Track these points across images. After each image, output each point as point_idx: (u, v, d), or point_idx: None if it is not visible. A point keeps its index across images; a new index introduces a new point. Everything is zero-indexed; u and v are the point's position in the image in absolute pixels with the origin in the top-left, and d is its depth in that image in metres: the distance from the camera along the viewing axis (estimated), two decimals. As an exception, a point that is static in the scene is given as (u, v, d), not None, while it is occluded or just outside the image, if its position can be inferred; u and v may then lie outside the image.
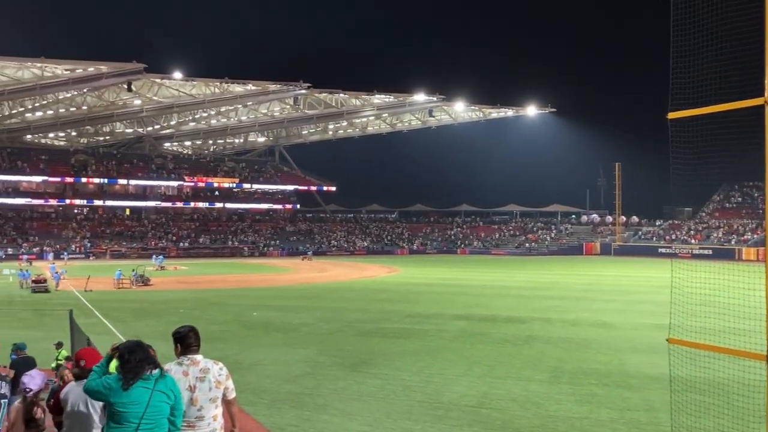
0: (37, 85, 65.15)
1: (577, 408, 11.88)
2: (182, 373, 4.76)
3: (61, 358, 13.92)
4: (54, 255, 66.08)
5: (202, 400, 4.75)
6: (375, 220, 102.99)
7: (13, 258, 64.49)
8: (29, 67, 62.40)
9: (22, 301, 32.33)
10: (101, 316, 25.57)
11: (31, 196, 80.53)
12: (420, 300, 31.13)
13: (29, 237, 74.01)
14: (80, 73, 65.31)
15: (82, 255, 71.25)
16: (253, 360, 16.25)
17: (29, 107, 75.29)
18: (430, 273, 51.31)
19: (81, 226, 79.76)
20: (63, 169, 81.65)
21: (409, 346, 18.45)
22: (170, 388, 4.49)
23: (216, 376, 4.85)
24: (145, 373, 4.39)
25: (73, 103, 75.65)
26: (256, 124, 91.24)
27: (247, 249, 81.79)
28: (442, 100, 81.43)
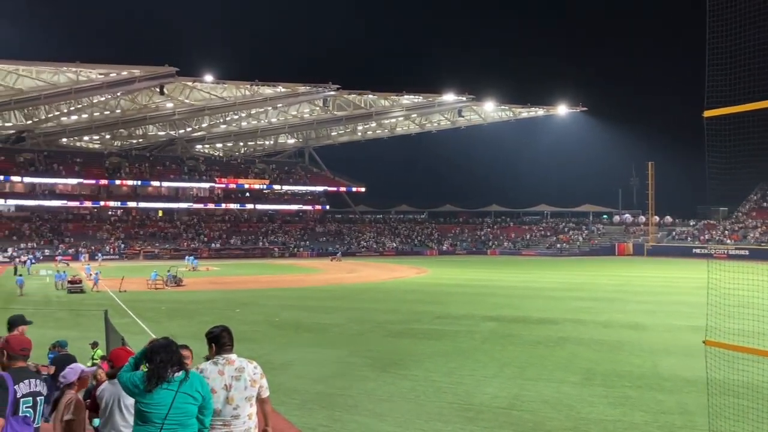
0: (73, 89, 66.50)
1: (610, 411, 11.73)
2: (218, 373, 4.81)
3: (96, 358, 14.18)
4: (89, 256, 67.33)
5: (237, 399, 4.80)
6: (404, 221, 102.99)
7: (49, 259, 65.84)
8: (65, 71, 63.75)
9: (59, 302, 33.00)
10: (135, 316, 25.98)
11: (67, 198, 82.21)
12: (450, 301, 31.00)
13: (65, 238, 75.53)
14: (114, 77, 66.48)
15: (116, 256, 72.48)
16: (284, 360, 16.35)
17: (65, 111, 76.92)
18: (460, 274, 51.07)
19: (115, 228, 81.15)
20: (97, 171, 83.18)
21: (440, 347, 18.38)
22: (196, 389, 4.52)
23: (251, 375, 4.90)
24: (168, 376, 4.43)
25: (107, 107, 77.06)
26: (286, 126, 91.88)
27: (277, 250, 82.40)
28: (472, 100, 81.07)
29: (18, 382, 4.60)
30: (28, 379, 4.68)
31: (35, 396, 4.67)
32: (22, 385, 4.61)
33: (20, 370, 4.75)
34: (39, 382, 4.75)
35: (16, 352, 4.80)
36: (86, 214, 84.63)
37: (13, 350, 4.81)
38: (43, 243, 73.08)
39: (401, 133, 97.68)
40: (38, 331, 21.37)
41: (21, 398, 4.59)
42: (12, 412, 4.52)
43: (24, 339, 4.99)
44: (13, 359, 4.80)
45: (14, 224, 76.26)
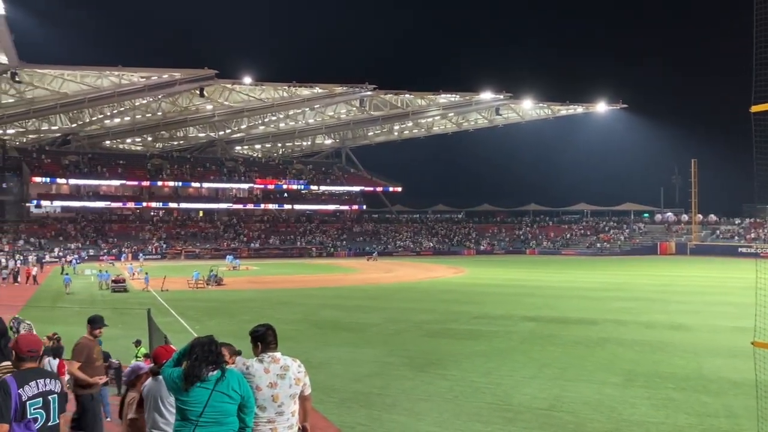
0: (115, 92, 68.03)
1: (652, 412, 11.50)
2: (263, 371, 4.86)
3: (139, 355, 14.48)
4: (131, 256, 68.76)
5: (282, 396, 4.85)
6: (441, 221, 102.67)
7: (94, 259, 67.45)
8: (108, 75, 65.26)
9: (103, 300, 33.78)
10: (177, 315, 26.44)
11: (110, 199, 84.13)
12: (487, 301, 30.78)
13: (108, 239, 77.25)
14: (155, 80, 67.80)
15: (158, 256, 73.86)
16: (322, 359, 16.46)
17: (108, 114, 78.73)
18: (498, 274, 50.70)
19: (157, 228, 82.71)
20: (140, 172, 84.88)
21: (478, 347, 18.28)
22: (232, 387, 4.55)
23: (295, 373, 4.95)
24: (203, 374, 4.48)
25: (149, 109, 78.62)
26: (323, 127, 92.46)
27: (315, 249, 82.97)
28: (510, 98, 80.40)
29: (23, 385, 4.52)
30: (35, 380, 4.60)
31: (46, 395, 4.61)
32: (27, 388, 4.53)
33: (28, 371, 4.68)
34: (50, 380, 4.69)
35: (23, 353, 4.73)
36: (129, 215, 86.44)
37: (20, 351, 4.74)
38: (88, 243, 74.86)
39: (438, 133, 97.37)
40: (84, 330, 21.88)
41: (27, 401, 4.50)
42: (18, 416, 4.43)
43: (33, 340, 4.89)
44: (22, 360, 4.73)
45: (60, 225, 78.29)
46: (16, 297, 34.96)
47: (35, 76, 63.22)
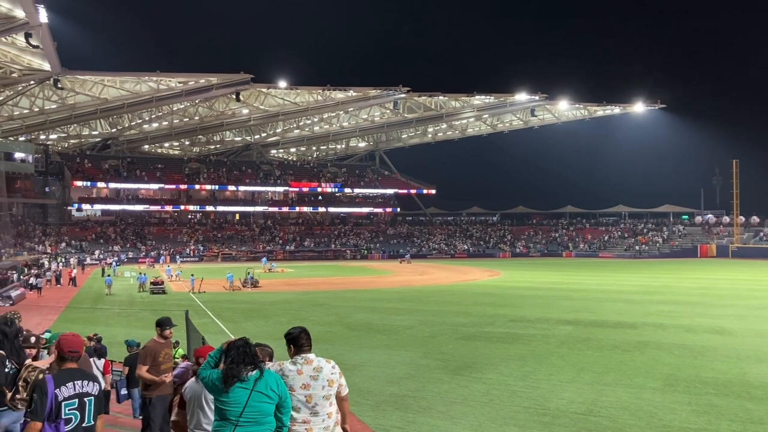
0: (154, 97, 69.30)
1: (694, 418, 11.25)
2: (297, 372, 4.90)
3: (177, 357, 14.70)
4: (170, 258, 69.90)
5: (316, 397, 4.88)
6: (476, 223, 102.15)
7: (133, 261, 68.76)
8: (146, 81, 66.49)
9: (142, 302, 34.42)
10: (214, 316, 26.79)
11: (149, 202, 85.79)
12: (523, 304, 30.52)
13: (147, 241, 78.67)
14: (192, 85, 68.84)
15: (196, 258, 74.94)
16: (357, 361, 16.50)
17: (146, 119, 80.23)
18: (534, 276, 50.23)
19: (194, 231, 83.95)
20: (177, 176, 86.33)
21: (514, 350, 18.13)
22: (271, 387, 4.61)
23: (329, 374, 4.97)
24: (242, 375, 4.53)
25: (186, 114, 79.88)
26: (357, 130, 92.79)
27: (349, 252, 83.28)
28: (545, 99, 79.62)
29: (60, 385, 4.61)
30: (73, 381, 4.69)
31: (82, 397, 4.68)
32: (64, 389, 4.62)
33: (67, 371, 4.77)
34: (88, 382, 4.77)
35: (65, 353, 4.83)
36: (167, 218, 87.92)
37: (62, 351, 4.85)
38: (128, 246, 76.35)
39: (472, 134, 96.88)
40: (124, 330, 22.40)
41: (63, 401, 4.59)
42: (51, 416, 4.53)
43: (75, 341, 4.97)
44: (63, 360, 4.83)
45: (101, 228, 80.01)
46: (58, 299, 35.85)
47: (76, 83, 64.74)
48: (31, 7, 40.73)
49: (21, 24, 43.48)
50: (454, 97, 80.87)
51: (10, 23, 43.82)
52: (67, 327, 17.93)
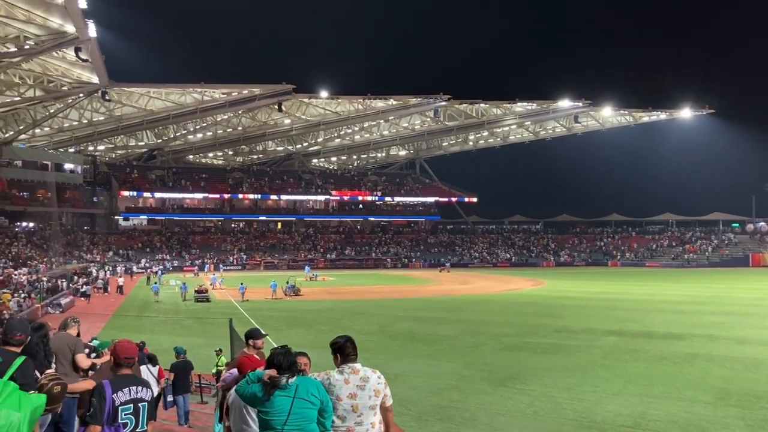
0: (198, 108, 70.73)
1: (748, 434, 10.92)
2: (344, 381, 4.93)
3: (221, 364, 14.92)
4: (214, 267, 71.01)
5: (362, 407, 4.90)
6: (518, 232, 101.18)
7: (178, 270, 70.05)
8: (191, 92, 67.93)
9: (187, 310, 35.04)
10: (256, 324, 27.08)
11: (194, 211, 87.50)
12: (568, 314, 30.11)
13: (192, 250, 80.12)
14: (236, 95, 70.04)
15: (239, 267, 75.96)
16: (398, 371, 16.48)
17: (191, 129, 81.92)
18: (579, 286, 49.49)
19: (237, 239, 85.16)
20: (221, 186, 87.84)
21: (558, 361, 17.89)
22: (312, 393, 4.65)
23: (375, 384, 4.98)
24: (283, 383, 4.58)
25: (230, 124, 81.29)
26: (398, 138, 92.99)
27: (389, 260, 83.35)
28: (589, 105, 78.52)
29: (117, 390, 4.75)
30: (128, 387, 4.83)
31: (137, 402, 4.82)
32: (120, 394, 4.76)
33: (123, 377, 4.93)
34: (142, 388, 4.92)
35: (120, 359, 4.99)
36: (211, 227, 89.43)
37: (118, 357, 5.01)
38: (174, 255, 77.85)
39: (514, 142, 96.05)
40: (169, 338, 22.81)
41: (120, 406, 4.73)
42: (110, 420, 4.68)
43: (130, 347, 5.13)
44: (119, 366, 5.00)
45: (147, 237, 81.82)
46: (105, 306, 36.75)
47: (123, 95, 66.49)
48: (81, 22, 42.04)
49: (71, 39, 44.92)
50: (496, 104, 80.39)
51: (61, 38, 45.30)
52: (114, 334, 18.37)
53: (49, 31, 44.73)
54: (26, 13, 41.42)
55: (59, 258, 59.75)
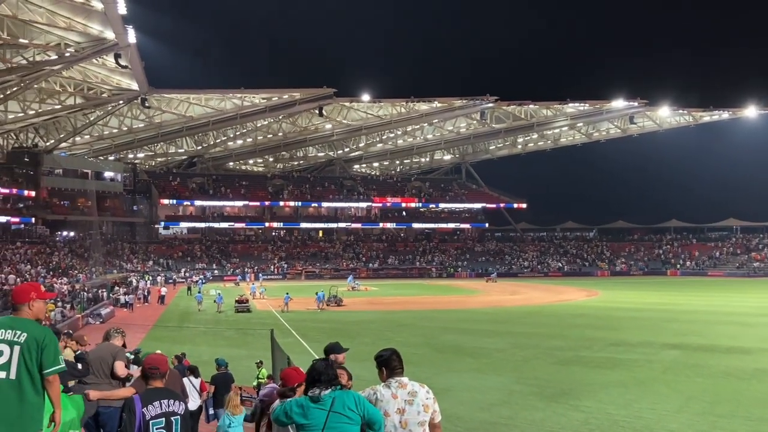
0: (238, 114, 72.00)
1: (823, 457, 10.55)
2: (392, 396, 4.93)
3: (262, 377, 15.09)
4: (254, 276, 71.89)
5: (411, 423, 4.90)
6: (571, 239, 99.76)
7: (219, 279, 71.15)
8: (230, 98, 69.23)
9: (227, 321, 35.58)
10: (298, 335, 27.35)
11: (234, 219, 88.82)
12: (624, 326, 29.66)
13: (232, 259, 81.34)
14: (276, 101, 71.09)
15: (280, 276, 76.77)
16: (445, 385, 16.42)
17: (231, 136, 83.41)
18: (636, 296, 48.61)
19: (278, 248, 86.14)
20: (261, 193, 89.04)
21: (615, 376, 17.60)
22: (349, 407, 4.64)
23: (424, 399, 4.98)
24: (318, 395, 4.60)
25: (270, 130, 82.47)
26: (442, 142, 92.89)
27: (434, 270, 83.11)
28: (645, 105, 77.18)
29: (147, 404, 4.86)
30: (159, 400, 4.93)
31: (169, 416, 4.92)
32: (151, 408, 4.86)
33: (153, 391, 5.03)
34: (173, 401, 5.00)
35: (146, 370, 5.14)
36: (251, 235, 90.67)
37: (143, 368, 5.18)
38: (214, 264, 79.15)
39: (566, 144, 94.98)
40: (210, 349, 23.19)
41: (150, 420, 4.83)
42: None
43: (156, 358, 5.26)
44: (147, 378, 5.13)
45: (187, 246, 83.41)
46: (146, 317, 37.56)
47: (163, 101, 68.17)
48: (120, 28, 43.30)
49: (111, 45, 46.32)
50: (546, 105, 79.68)
51: (101, 45, 46.76)
52: (155, 346, 18.77)
53: (89, 38, 46.22)
54: (67, 21, 42.90)
55: (99, 267, 61.35)
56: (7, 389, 4.40)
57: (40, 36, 45.19)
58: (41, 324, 4.70)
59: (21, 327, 4.53)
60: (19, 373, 4.44)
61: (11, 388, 4.41)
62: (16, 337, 4.47)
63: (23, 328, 4.53)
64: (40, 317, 4.76)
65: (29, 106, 59.43)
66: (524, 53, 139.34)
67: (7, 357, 4.44)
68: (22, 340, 4.47)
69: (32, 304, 4.68)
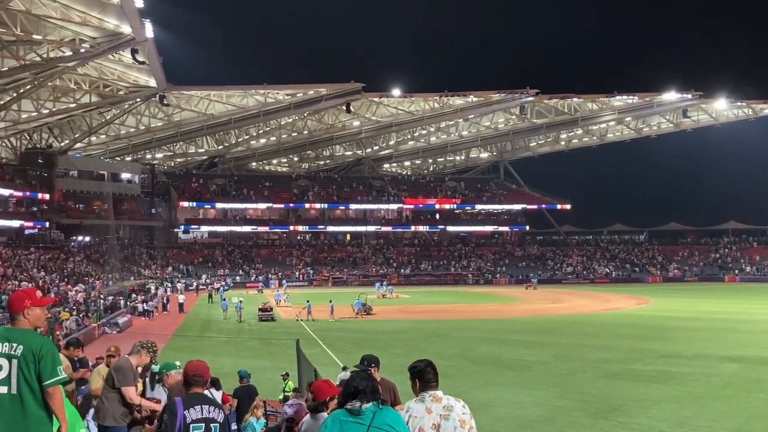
0: (261, 111, 72.60)
1: None
2: (425, 411, 4.91)
3: (288, 390, 15.16)
4: (279, 282, 72.29)
5: (448, 439, 4.88)
6: (619, 243, 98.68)
7: (241, 286, 71.72)
8: (253, 94, 69.84)
9: (250, 330, 35.85)
10: (325, 346, 27.45)
11: (257, 223, 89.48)
12: (678, 337, 29.38)
13: (255, 264, 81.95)
14: (301, 96, 71.52)
15: (305, 282, 77.13)
16: (483, 400, 16.35)
17: (254, 134, 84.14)
18: (690, 305, 48.07)
19: (303, 253, 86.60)
20: (286, 195, 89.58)
21: (668, 391, 17.40)
22: (388, 423, 4.62)
23: (460, 414, 4.94)
24: (357, 408, 4.59)
25: (295, 128, 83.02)
26: (478, 139, 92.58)
27: (470, 276, 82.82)
28: (699, 97, 76.07)
29: (188, 408, 5.11)
30: (200, 405, 5.18)
31: (209, 422, 5.15)
32: (192, 411, 5.10)
33: (194, 395, 5.30)
34: (214, 408, 5.25)
35: (189, 377, 5.42)
36: (275, 239, 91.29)
37: (187, 375, 5.46)
38: (236, 270, 79.86)
39: (613, 140, 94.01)
40: (231, 360, 23.41)
41: (191, 423, 5.08)
42: None
43: (200, 366, 5.53)
44: (189, 385, 5.41)
45: (207, 251, 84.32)
46: (165, 326, 38.02)
47: (182, 99, 69.03)
48: (137, 22, 43.96)
49: (128, 40, 47.04)
50: (591, 98, 78.99)
51: (117, 40, 47.51)
52: (174, 356, 18.90)
53: (104, 33, 46.99)
54: (82, 15, 43.65)
55: (116, 274, 62.24)
56: (9, 404, 4.51)
57: (54, 31, 46.06)
58: (39, 333, 4.78)
59: (17, 339, 4.62)
60: (20, 387, 4.54)
61: (13, 403, 4.52)
62: (13, 350, 4.57)
63: (19, 340, 4.61)
64: (38, 325, 4.87)
65: (43, 104, 60.60)
66: (567, 42, 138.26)
67: (7, 371, 4.54)
68: (18, 353, 4.56)
69: (28, 313, 4.75)
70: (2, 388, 4.52)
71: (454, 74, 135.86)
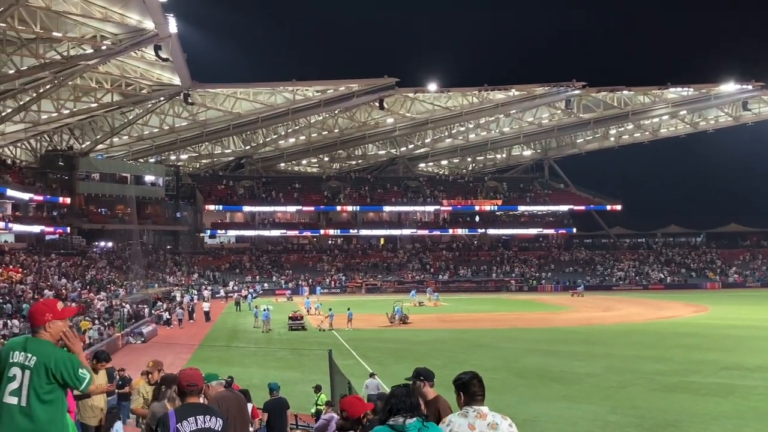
0: (290, 109, 73.16)
1: None
2: (468, 426, 4.91)
3: (320, 403, 15.26)
4: (310, 289, 72.50)
5: (491, 459, 4.87)
6: (674, 246, 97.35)
7: (270, 293, 72.20)
8: (281, 91, 70.42)
9: (279, 340, 36.11)
10: (359, 357, 27.55)
11: (286, 227, 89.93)
12: (739, 347, 29.06)
13: (285, 270, 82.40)
14: (331, 93, 71.90)
15: (337, 289, 77.30)
16: (529, 415, 16.29)
17: (282, 134, 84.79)
18: (753, 313, 47.36)
19: (334, 258, 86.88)
20: (316, 197, 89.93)
21: (729, 406, 17.23)
22: None
23: None
24: (400, 424, 4.62)
25: (325, 127, 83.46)
26: (521, 135, 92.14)
27: (513, 282, 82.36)
28: (761, 88, 74.82)
29: (182, 420, 5.17)
30: (194, 416, 5.22)
31: None
32: (185, 423, 5.15)
33: (189, 406, 5.38)
34: (210, 417, 5.28)
35: (183, 387, 5.49)
36: (305, 244, 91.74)
37: (180, 385, 5.55)
38: (265, 276, 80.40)
39: (667, 136, 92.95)
40: (260, 371, 23.64)
41: None
42: None
43: (193, 374, 5.62)
44: (183, 395, 5.49)
45: (234, 256, 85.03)
46: (191, 335, 38.49)
47: (207, 97, 69.85)
48: (160, 17, 44.64)
49: (151, 36, 47.78)
50: (642, 91, 78.19)
51: (140, 36, 48.31)
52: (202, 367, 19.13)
53: (127, 29, 47.81)
54: (103, 11, 44.49)
55: (140, 281, 63.09)
56: (19, 416, 4.66)
57: (74, 28, 47.01)
58: (54, 345, 4.91)
59: (33, 350, 4.78)
60: (30, 398, 4.69)
61: (23, 414, 4.66)
62: (27, 360, 4.74)
63: (35, 351, 4.78)
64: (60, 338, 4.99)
65: (63, 104, 61.79)
66: (615, 31, 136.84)
67: (19, 382, 4.71)
68: (31, 364, 4.73)
69: (49, 326, 4.90)
70: (13, 398, 4.67)
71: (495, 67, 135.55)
